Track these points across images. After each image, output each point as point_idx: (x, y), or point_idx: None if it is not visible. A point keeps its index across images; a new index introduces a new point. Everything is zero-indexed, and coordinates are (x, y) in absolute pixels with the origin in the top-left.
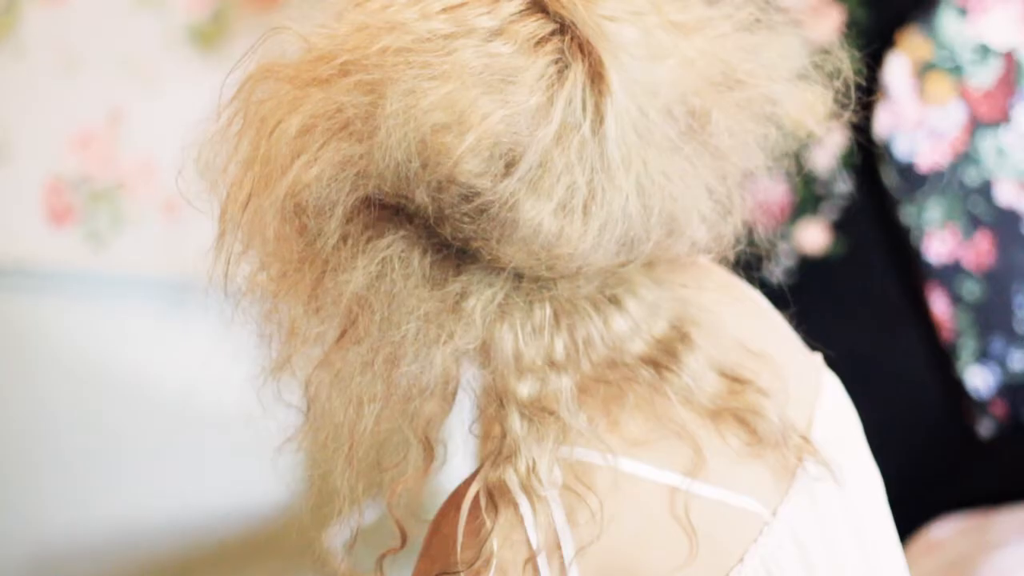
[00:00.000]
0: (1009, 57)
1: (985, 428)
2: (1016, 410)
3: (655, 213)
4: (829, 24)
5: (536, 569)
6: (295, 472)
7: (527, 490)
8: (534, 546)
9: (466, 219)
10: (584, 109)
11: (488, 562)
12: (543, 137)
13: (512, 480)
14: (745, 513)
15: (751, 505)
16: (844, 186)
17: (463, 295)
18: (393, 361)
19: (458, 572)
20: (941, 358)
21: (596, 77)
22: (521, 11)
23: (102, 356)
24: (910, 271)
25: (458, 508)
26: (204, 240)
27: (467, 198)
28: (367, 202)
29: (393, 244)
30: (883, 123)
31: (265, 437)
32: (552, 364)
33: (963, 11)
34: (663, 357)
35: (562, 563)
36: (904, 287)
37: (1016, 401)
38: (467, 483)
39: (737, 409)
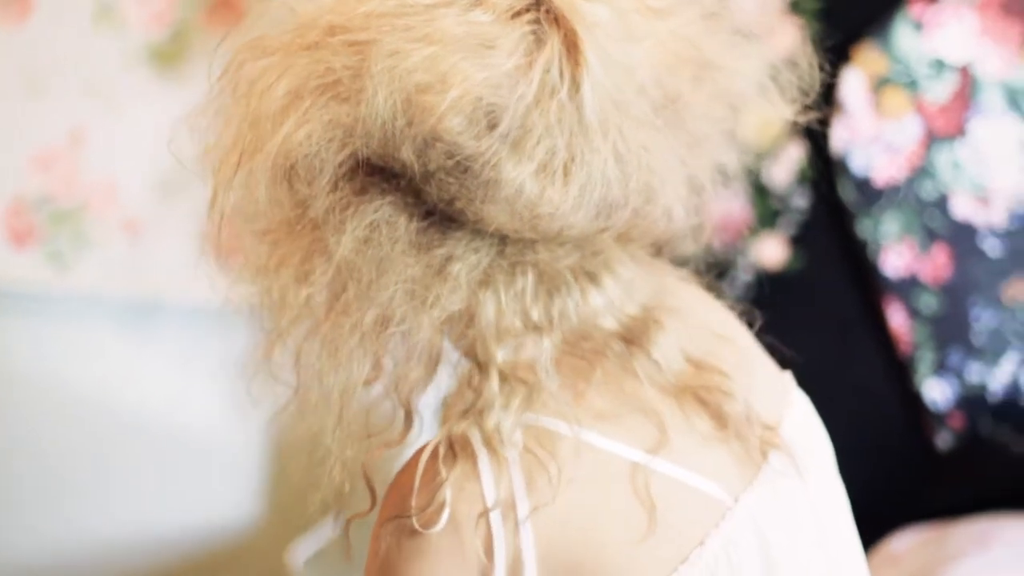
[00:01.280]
0: (964, 71)
1: (943, 441)
2: (974, 423)
3: (632, 179)
4: (786, 38)
5: (489, 525)
6: (264, 487)
7: (489, 445)
8: (489, 501)
9: (450, 178)
10: (561, 76)
11: (440, 509)
12: (522, 98)
13: (475, 435)
14: (707, 498)
15: (714, 491)
16: (801, 200)
17: (449, 259)
18: (382, 324)
19: (410, 516)
20: (899, 371)
21: (572, 48)
22: None
23: (65, 376)
24: (867, 285)
25: (418, 460)
26: (166, 259)
27: (450, 155)
28: (355, 164)
29: (380, 209)
30: (839, 137)
31: (232, 453)
32: (532, 328)
33: (918, 26)
34: (634, 335)
35: (516, 522)
36: (861, 301)
37: (973, 414)
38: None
39: (703, 392)
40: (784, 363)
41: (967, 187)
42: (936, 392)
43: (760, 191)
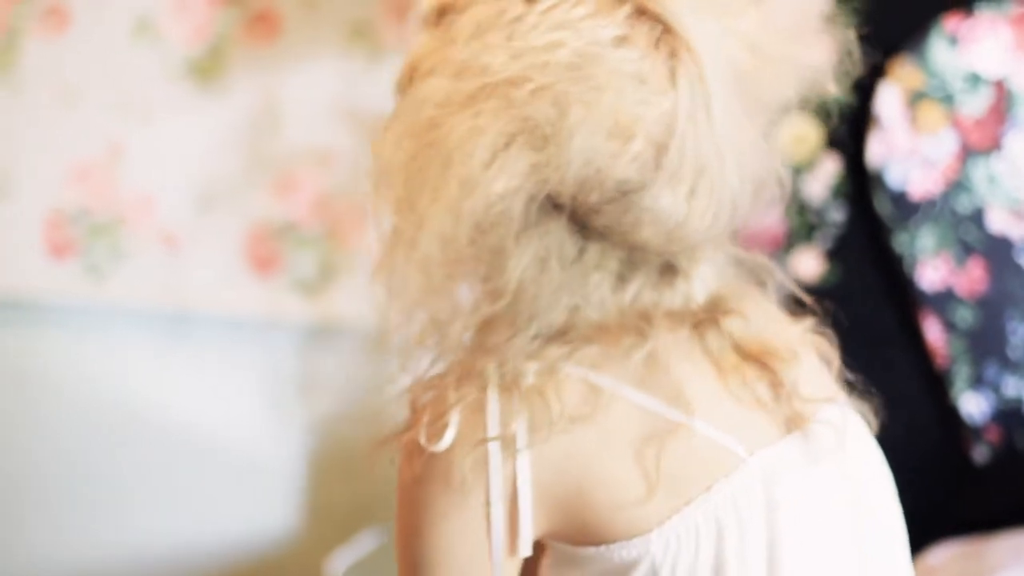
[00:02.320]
0: (999, 86)
1: (980, 454)
2: (1010, 436)
3: (746, 186)
4: (822, 53)
5: (487, 454)
6: (303, 499)
7: (503, 381)
8: (490, 432)
9: (617, 208)
10: (695, 102)
11: (443, 430)
12: (678, 133)
13: (492, 371)
14: (723, 450)
15: (731, 444)
16: (837, 215)
17: (594, 268)
18: (536, 336)
19: (418, 432)
20: (935, 385)
21: (700, 76)
22: (629, 15)
23: (102, 387)
24: (903, 299)
25: (435, 385)
26: (203, 272)
27: (623, 191)
28: (542, 201)
29: (551, 233)
30: (875, 152)
31: (270, 465)
32: (640, 317)
33: (954, 40)
34: (708, 312)
35: (514, 455)
36: (898, 314)
37: (1010, 427)
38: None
39: (757, 364)
40: None
41: (1003, 201)
42: (972, 406)
43: (796, 205)
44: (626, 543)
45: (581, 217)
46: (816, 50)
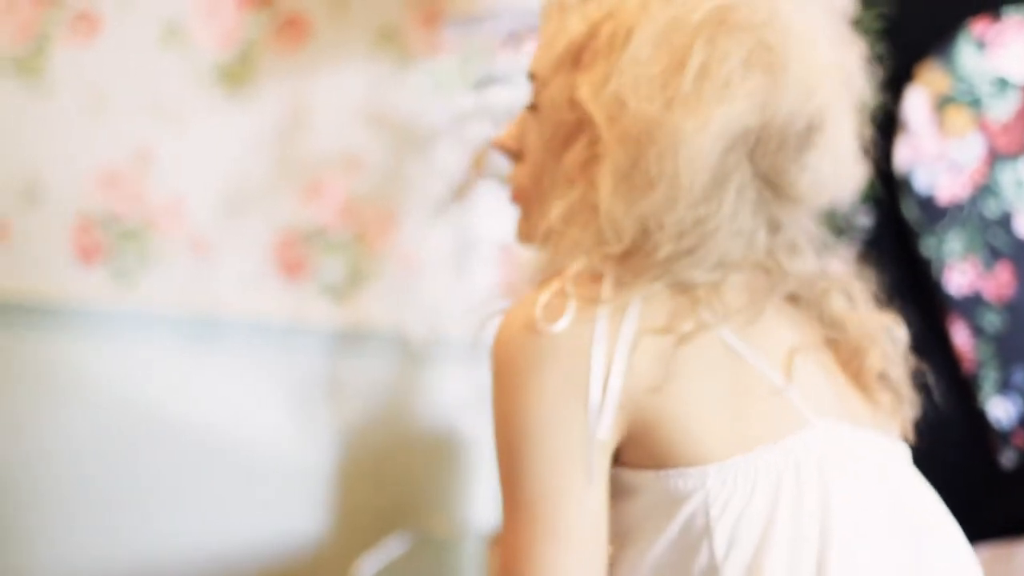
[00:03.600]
0: None
1: (1007, 459)
2: None
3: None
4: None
5: (591, 351)
6: (329, 504)
7: (630, 286)
8: (599, 329)
9: (795, 154)
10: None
11: (559, 314)
12: (834, 89)
13: (622, 274)
14: (797, 412)
15: (806, 409)
16: (865, 219)
17: (759, 210)
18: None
19: (536, 314)
20: (963, 389)
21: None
22: None
23: (129, 392)
24: (931, 303)
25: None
26: (232, 277)
27: (809, 136)
28: (752, 131)
29: (744, 169)
30: (903, 156)
31: (297, 469)
32: (774, 261)
33: (981, 45)
34: (825, 287)
35: (615, 346)
36: (925, 319)
37: None
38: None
39: (856, 348)
40: None
41: None
42: (1000, 410)
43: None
44: (684, 470)
45: (763, 156)
46: (851, 52)
